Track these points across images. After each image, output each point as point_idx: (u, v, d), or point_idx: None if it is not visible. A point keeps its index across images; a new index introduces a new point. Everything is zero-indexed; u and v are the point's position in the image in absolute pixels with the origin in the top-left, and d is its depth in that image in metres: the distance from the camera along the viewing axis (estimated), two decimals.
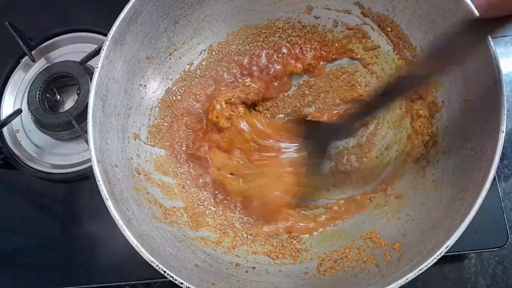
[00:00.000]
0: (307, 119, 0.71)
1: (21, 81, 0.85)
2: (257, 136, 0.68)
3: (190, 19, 0.68)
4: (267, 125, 0.69)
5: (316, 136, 0.67)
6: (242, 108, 0.69)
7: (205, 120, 0.72)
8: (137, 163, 0.63)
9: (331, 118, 0.72)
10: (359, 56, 0.71)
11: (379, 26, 0.68)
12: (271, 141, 0.68)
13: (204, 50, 0.72)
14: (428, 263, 0.48)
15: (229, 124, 0.68)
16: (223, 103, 0.69)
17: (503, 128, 0.50)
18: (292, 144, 0.68)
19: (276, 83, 0.73)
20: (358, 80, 0.72)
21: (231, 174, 0.68)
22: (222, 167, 0.68)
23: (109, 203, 0.52)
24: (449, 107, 0.61)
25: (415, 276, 0.48)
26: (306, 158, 0.68)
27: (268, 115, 0.74)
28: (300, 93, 0.74)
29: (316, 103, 0.73)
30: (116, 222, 0.51)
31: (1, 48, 0.87)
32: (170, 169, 0.67)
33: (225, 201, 0.68)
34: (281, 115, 0.74)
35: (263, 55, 0.73)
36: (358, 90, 0.72)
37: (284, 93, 0.74)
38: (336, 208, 0.66)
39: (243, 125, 0.68)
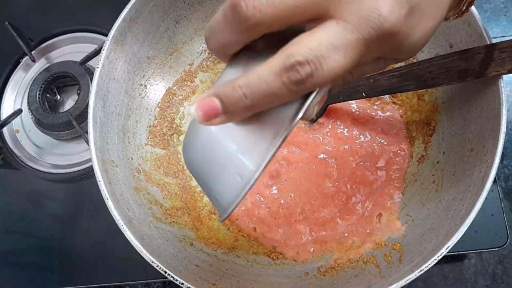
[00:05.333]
0: None
1: (21, 81, 0.85)
2: None
3: (190, 19, 0.68)
4: None
5: None
6: None
7: None
8: (137, 163, 0.63)
9: None
10: None
11: None
12: None
13: (205, 50, 0.72)
14: (429, 264, 0.48)
15: None
16: None
17: (503, 128, 0.50)
18: None
19: None
20: None
21: None
22: None
23: (110, 203, 0.52)
24: (449, 108, 0.61)
25: (415, 277, 0.48)
26: None
27: None
28: None
29: None
30: (117, 222, 0.51)
31: (1, 48, 0.87)
32: (170, 169, 0.67)
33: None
34: None
35: None
36: None
37: None
38: None
39: None
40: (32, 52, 0.84)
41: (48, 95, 0.80)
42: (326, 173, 0.66)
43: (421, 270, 0.48)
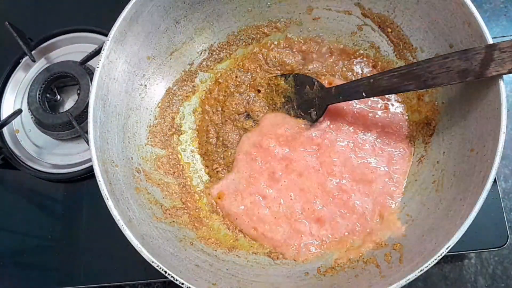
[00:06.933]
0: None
1: (21, 81, 0.85)
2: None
3: (190, 19, 0.68)
4: None
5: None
6: None
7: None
8: (137, 163, 0.63)
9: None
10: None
11: (379, 27, 0.68)
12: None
13: (205, 50, 0.72)
14: (429, 264, 0.48)
15: None
16: None
17: (504, 129, 0.50)
18: None
19: None
20: None
21: None
22: None
23: (110, 203, 0.52)
24: (449, 108, 0.61)
25: (416, 277, 0.48)
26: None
27: None
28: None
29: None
30: (117, 222, 0.51)
31: (1, 48, 0.87)
32: (170, 169, 0.67)
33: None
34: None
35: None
36: None
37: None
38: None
39: None
40: (32, 52, 0.84)
41: (48, 95, 0.80)
42: (326, 172, 0.66)
43: (421, 270, 0.48)
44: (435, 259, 0.48)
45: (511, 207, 0.71)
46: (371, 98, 0.69)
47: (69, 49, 0.87)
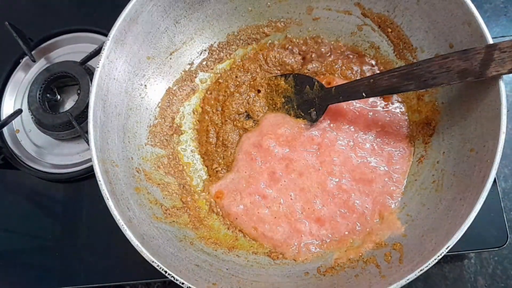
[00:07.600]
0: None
1: (21, 81, 0.85)
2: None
3: (190, 19, 0.68)
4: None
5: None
6: None
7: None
8: (137, 163, 0.63)
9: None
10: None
11: (379, 27, 0.68)
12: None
13: (205, 50, 0.72)
14: (429, 264, 0.48)
15: None
16: None
17: (504, 129, 0.50)
18: None
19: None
20: None
21: None
22: None
23: (110, 203, 0.52)
24: (449, 108, 0.61)
25: (415, 276, 0.48)
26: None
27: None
28: None
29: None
30: (117, 222, 0.51)
31: (1, 48, 0.87)
32: (170, 169, 0.67)
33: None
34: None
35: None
36: None
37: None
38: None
39: None
40: (32, 52, 0.84)
41: (48, 95, 0.80)
42: (326, 171, 0.66)
43: (421, 270, 0.48)
44: (435, 259, 0.48)
45: (510, 207, 0.71)
46: (371, 98, 0.69)
47: (69, 49, 0.87)
